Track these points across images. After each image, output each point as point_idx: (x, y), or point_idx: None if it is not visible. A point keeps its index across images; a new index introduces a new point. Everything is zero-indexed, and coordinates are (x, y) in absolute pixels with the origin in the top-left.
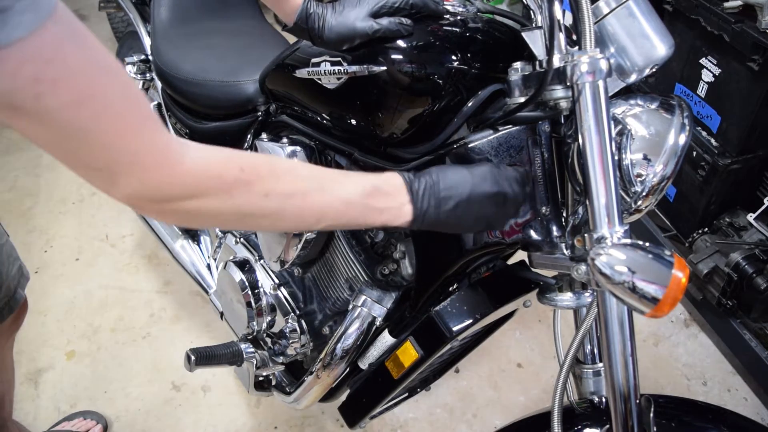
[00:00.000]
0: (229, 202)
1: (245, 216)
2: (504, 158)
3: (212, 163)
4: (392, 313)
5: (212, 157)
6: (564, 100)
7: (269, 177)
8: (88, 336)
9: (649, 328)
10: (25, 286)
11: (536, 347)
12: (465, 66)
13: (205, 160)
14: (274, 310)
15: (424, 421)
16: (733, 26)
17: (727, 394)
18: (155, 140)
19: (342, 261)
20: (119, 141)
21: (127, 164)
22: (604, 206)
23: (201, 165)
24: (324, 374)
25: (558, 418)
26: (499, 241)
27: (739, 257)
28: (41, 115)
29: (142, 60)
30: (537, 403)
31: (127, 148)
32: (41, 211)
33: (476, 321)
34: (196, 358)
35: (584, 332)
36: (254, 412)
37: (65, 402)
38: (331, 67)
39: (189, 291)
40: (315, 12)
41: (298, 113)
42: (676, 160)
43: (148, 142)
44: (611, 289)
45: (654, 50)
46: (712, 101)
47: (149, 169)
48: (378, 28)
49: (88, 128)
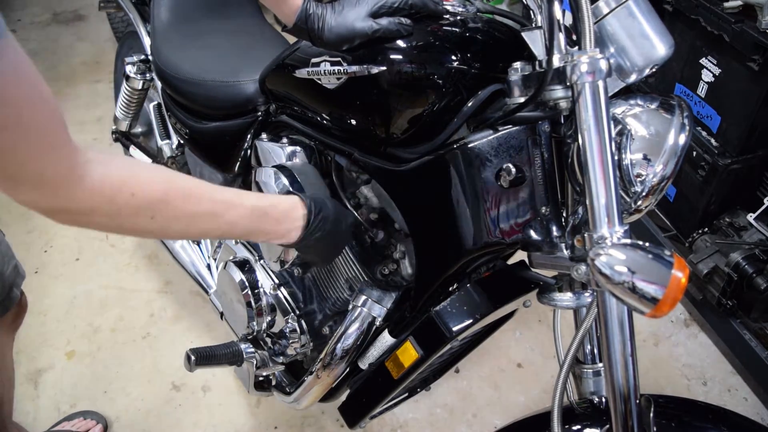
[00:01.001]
0: (116, 221)
1: (131, 231)
2: (504, 158)
3: (106, 187)
4: (392, 313)
5: (108, 180)
6: (564, 100)
7: (159, 203)
8: (88, 336)
9: (649, 328)
10: (21, 284)
11: (536, 347)
12: (465, 66)
13: (101, 184)
14: (274, 310)
15: (424, 421)
16: (733, 26)
17: (727, 394)
18: (61, 163)
19: (342, 261)
20: (30, 162)
21: (32, 180)
22: (604, 206)
23: (96, 188)
24: (324, 374)
25: (558, 418)
26: (499, 241)
27: (739, 257)
28: None
29: (142, 60)
30: (537, 403)
31: (35, 168)
32: None
33: (476, 321)
34: (196, 358)
35: (584, 332)
36: (254, 412)
37: (65, 402)
38: (330, 67)
39: (189, 291)
40: (315, 12)
41: (298, 113)
42: (676, 160)
43: (54, 164)
44: (611, 289)
45: (654, 50)
46: (712, 101)
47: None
48: (377, 29)
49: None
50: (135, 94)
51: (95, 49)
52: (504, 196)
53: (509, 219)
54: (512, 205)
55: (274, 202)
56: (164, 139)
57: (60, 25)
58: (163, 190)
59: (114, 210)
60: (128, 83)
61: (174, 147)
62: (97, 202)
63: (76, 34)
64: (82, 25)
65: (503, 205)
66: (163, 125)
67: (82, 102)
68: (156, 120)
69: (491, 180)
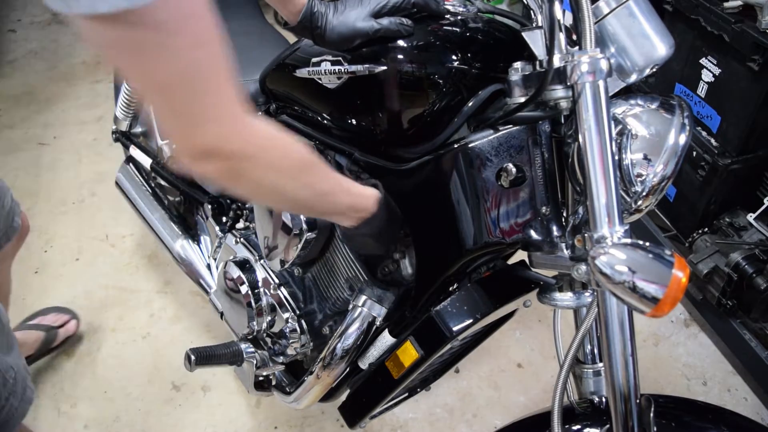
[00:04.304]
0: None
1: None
2: (504, 158)
3: (264, 134)
4: (392, 313)
5: (266, 130)
6: (564, 100)
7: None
8: (88, 336)
9: (649, 328)
10: (19, 212)
11: (536, 347)
12: (465, 66)
13: (260, 130)
14: (274, 309)
15: (424, 421)
16: (733, 26)
17: (727, 394)
18: (232, 99)
19: (342, 261)
20: (218, 90)
21: (207, 113)
22: (604, 206)
23: (258, 132)
24: (324, 374)
25: (558, 418)
26: (500, 240)
27: (739, 257)
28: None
29: None
30: (537, 403)
31: (219, 99)
32: (41, 211)
33: (476, 321)
34: (196, 358)
35: (584, 332)
36: (254, 412)
37: (65, 402)
38: (331, 67)
39: (189, 291)
40: (319, 11)
41: (299, 113)
42: (677, 160)
43: (227, 98)
44: (611, 289)
45: (654, 50)
46: (712, 101)
47: (222, 120)
48: (379, 28)
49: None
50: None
51: None
52: (504, 195)
53: (509, 219)
54: (512, 204)
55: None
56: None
57: (60, 25)
58: (304, 156)
59: (266, 161)
60: None
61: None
62: (256, 147)
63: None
64: None
65: (503, 205)
66: None
67: (82, 102)
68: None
69: (491, 180)
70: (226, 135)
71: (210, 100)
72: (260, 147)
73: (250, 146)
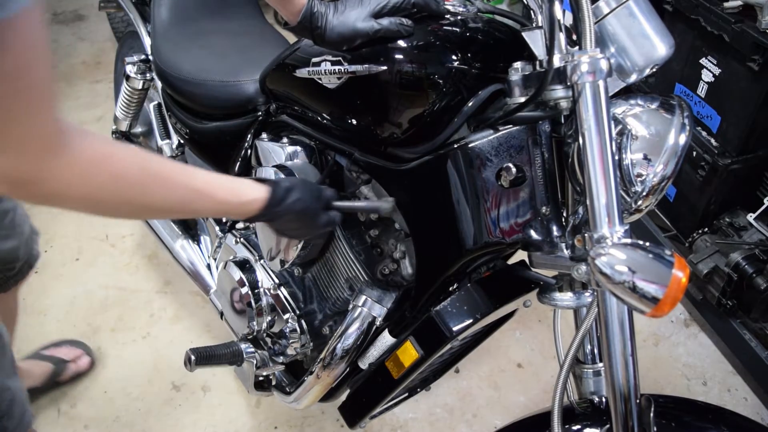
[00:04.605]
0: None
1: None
2: (504, 158)
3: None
4: (392, 313)
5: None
6: (564, 100)
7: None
8: (88, 336)
9: (649, 328)
10: (38, 241)
11: (536, 347)
12: (465, 66)
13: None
14: (274, 309)
15: (424, 421)
16: (733, 26)
17: (727, 394)
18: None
19: (342, 261)
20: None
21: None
22: (604, 206)
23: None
24: (324, 374)
25: (558, 418)
26: (500, 240)
27: (739, 257)
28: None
29: (142, 60)
30: (537, 403)
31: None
32: (41, 211)
33: (476, 321)
34: (196, 358)
35: (584, 332)
36: (254, 412)
37: (65, 402)
38: (331, 67)
39: (189, 291)
40: (319, 11)
41: (299, 113)
42: (677, 160)
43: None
44: (611, 289)
45: (654, 50)
46: (712, 101)
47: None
48: (379, 29)
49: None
50: (135, 93)
51: (95, 49)
52: (504, 195)
53: (509, 219)
54: (512, 204)
55: (239, 192)
56: (164, 139)
57: (60, 25)
58: (139, 173)
59: (89, 188)
60: (128, 83)
61: (174, 147)
62: (74, 175)
63: (76, 34)
64: (82, 25)
65: (503, 205)
66: (164, 125)
67: (82, 102)
68: (156, 120)
69: (491, 180)
70: (26, 167)
71: (17, 130)
72: (80, 172)
73: (65, 174)
